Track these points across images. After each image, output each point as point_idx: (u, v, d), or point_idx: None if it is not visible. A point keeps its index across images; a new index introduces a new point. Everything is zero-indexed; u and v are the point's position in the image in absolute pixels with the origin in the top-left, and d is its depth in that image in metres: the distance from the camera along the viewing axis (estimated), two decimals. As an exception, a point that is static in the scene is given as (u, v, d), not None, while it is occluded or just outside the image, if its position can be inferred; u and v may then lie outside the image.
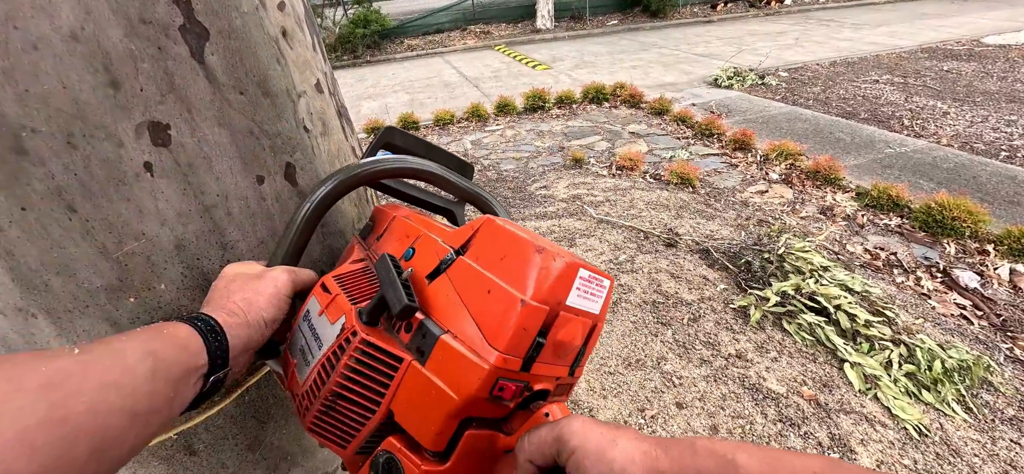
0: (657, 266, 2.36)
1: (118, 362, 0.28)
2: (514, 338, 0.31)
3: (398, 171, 0.49)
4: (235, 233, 0.47)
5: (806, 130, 4.14)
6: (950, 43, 7.05)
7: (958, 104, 4.57)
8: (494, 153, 4.12)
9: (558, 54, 8.43)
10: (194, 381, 0.34)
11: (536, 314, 0.31)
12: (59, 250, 0.38)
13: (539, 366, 0.33)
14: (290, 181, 0.50)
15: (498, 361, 0.30)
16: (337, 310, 0.39)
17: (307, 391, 0.40)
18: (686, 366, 1.79)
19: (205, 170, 0.43)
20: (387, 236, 0.48)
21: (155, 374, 0.30)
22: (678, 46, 8.22)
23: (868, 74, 5.76)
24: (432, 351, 0.33)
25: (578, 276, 0.33)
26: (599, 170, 3.59)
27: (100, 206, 0.39)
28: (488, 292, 0.32)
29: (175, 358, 0.32)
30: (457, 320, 0.33)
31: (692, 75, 6.27)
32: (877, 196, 2.83)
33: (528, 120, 4.92)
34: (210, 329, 0.36)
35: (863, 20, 9.45)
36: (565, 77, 6.72)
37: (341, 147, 0.59)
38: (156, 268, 0.43)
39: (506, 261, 0.33)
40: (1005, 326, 1.97)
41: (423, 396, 0.33)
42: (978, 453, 1.47)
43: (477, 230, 0.37)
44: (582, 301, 0.34)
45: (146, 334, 0.32)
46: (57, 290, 0.40)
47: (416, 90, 6.70)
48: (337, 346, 0.37)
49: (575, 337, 0.35)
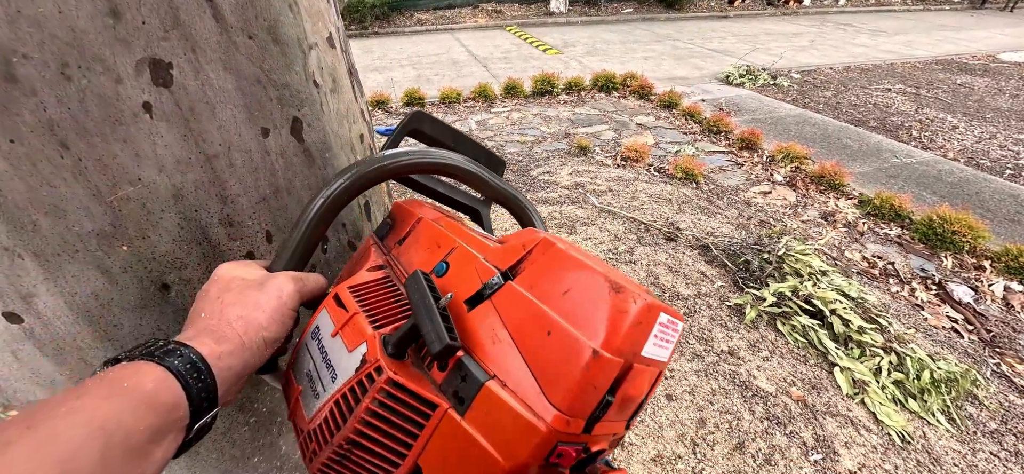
0: (656, 259, 2.36)
1: (45, 456, 0.21)
2: (581, 396, 0.25)
3: (428, 166, 0.42)
4: (236, 187, 0.45)
5: (814, 134, 4.10)
6: (966, 57, 6.96)
7: (968, 119, 4.53)
8: (499, 135, 4.07)
9: (570, 39, 8.28)
10: (171, 437, 0.27)
11: (609, 368, 0.25)
12: (49, 189, 0.37)
13: (602, 426, 0.27)
14: (296, 137, 0.48)
15: (558, 423, 0.25)
16: (356, 335, 0.33)
17: (316, 431, 0.34)
18: (678, 360, 1.80)
19: (208, 116, 0.41)
20: (412, 241, 0.42)
21: (107, 457, 0.23)
22: (692, 40, 8.08)
23: (881, 82, 5.70)
24: (474, 400, 0.27)
25: (657, 322, 0.27)
26: (604, 159, 3.56)
27: (94, 145, 0.37)
28: (548, 334, 0.26)
29: (138, 424, 0.25)
30: (505, 362, 0.27)
31: (704, 70, 6.18)
32: (880, 205, 2.82)
33: (535, 104, 4.85)
34: (191, 368, 0.29)
35: (881, 27, 9.30)
36: (575, 63, 6.61)
37: (350, 108, 0.57)
38: (152, 216, 0.42)
39: (571, 296, 0.27)
40: (994, 342, 1.99)
41: (461, 455, 0.27)
42: (958, 463, 1.50)
43: (530, 251, 0.31)
44: (656, 350, 0.28)
45: (96, 397, 0.25)
46: (46, 231, 0.38)
47: (423, 66, 6.58)
48: (356, 382, 0.31)
49: (643, 390, 0.29)
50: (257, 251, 0.50)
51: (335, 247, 0.56)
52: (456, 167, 0.44)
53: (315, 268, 0.55)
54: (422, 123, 0.49)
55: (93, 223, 0.39)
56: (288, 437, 0.63)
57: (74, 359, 0.44)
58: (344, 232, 0.58)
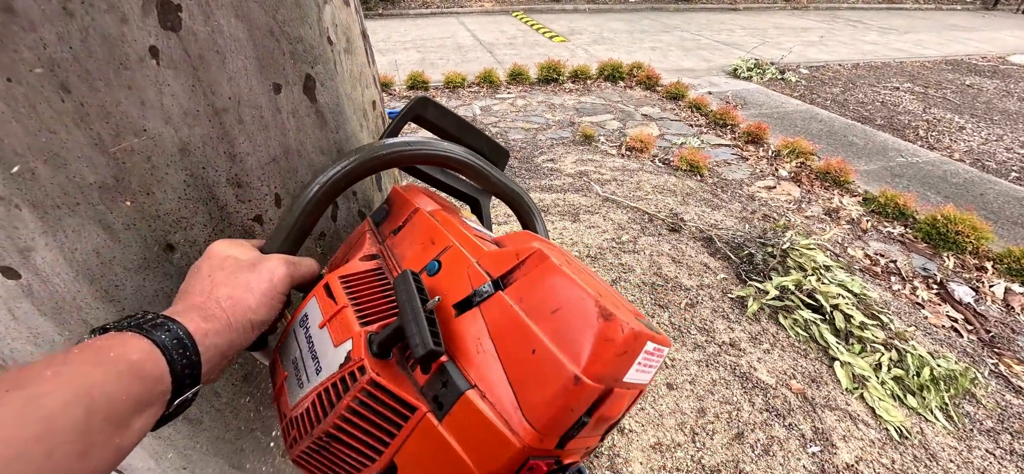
0: (659, 249, 2.35)
1: (29, 417, 0.21)
2: (556, 418, 0.25)
3: (429, 157, 0.42)
4: (245, 145, 0.43)
5: (821, 130, 4.07)
6: (975, 58, 6.89)
7: (975, 120, 4.50)
8: (503, 121, 4.03)
9: (577, 27, 8.15)
10: (153, 410, 0.27)
11: (589, 393, 0.26)
12: (49, 135, 0.35)
13: (575, 442, 0.28)
14: (309, 95, 0.46)
15: (531, 440, 0.25)
16: (342, 329, 0.33)
17: (297, 419, 0.34)
18: (680, 350, 1.80)
19: (218, 66, 0.39)
20: (406, 233, 0.42)
21: (89, 423, 0.23)
22: (701, 31, 7.97)
23: (889, 81, 5.64)
24: (453, 407, 0.27)
25: (643, 350, 0.27)
26: (608, 149, 3.53)
27: (97, 90, 0.35)
28: (532, 352, 0.27)
29: (121, 392, 0.25)
30: (487, 372, 0.28)
31: (711, 63, 6.11)
32: (884, 203, 2.81)
33: (540, 91, 4.79)
34: (177, 343, 0.29)
35: (891, 25, 9.19)
36: (582, 51, 6.52)
37: (363, 72, 0.55)
38: (156, 171, 0.40)
39: (559, 316, 0.27)
40: (993, 342, 2.00)
41: (436, 457, 0.28)
42: (954, 459, 1.51)
43: (523, 261, 0.31)
44: (639, 375, 0.28)
45: (82, 364, 0.25)
46: (45, 181, 0.36)
47: (428, 49, 6.48)
48: (339, 378, 0.31)
49: (620, 411, 0.30)
50: (265, 215, 0.48)
51: (345, 215, 0.55)
52: (457, 160, 0.44)
53: (325, 236, 0.53)
54: (426, 110, 0.48)
55: (95, 175, 0.37)
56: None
57: (74, 319, 0.43)
58: (355, 200, 0.56)
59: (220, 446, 0.56)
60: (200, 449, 0.55)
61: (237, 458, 0.59)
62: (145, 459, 0.54)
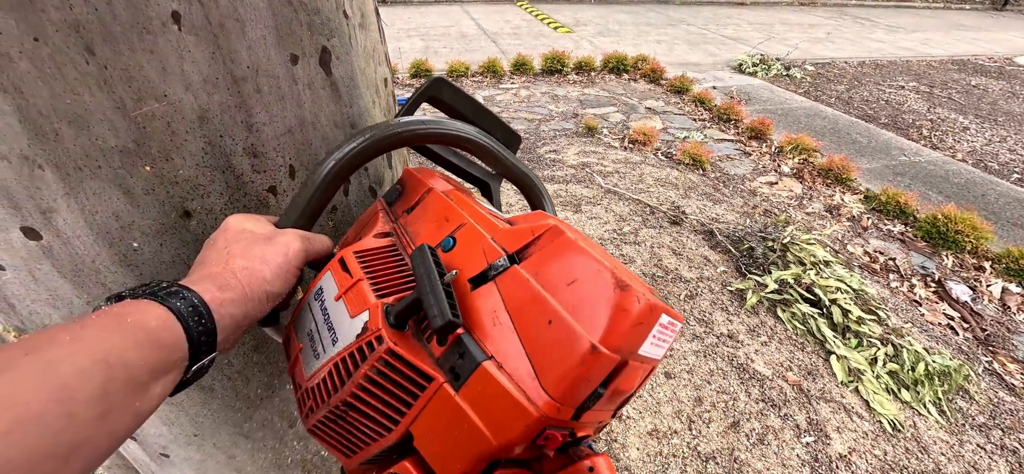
0: (660, 241, 2.36)
1: (47, 381, 0.21)
2: (573, 387, 0.26)
3: (442, 137, 0.42)
4: (262, 115, 0.44)
5: (824, 127, 4.06)
6: (982, 58, 6.84)
7: (980, 121, 4.49)
8: (506, 112, 4.01)
9: (582, 18, 8.08)
10: (170, 376, 0.28)
11: (605, 363, 0.26)
12: (73, 96, 0.35)
13: (590, 414, 0.28)
14: (324, 68, 0.46)
15: (549, 409, 0.25)
16: (359, 301, 0.33)
17: (313, 390, 0.35)
18: (679, 341, 1.82)
19: (237, 35, 0.39)
20: (420, 212, 0.42)
21: (107, 389, 0.23)
22: (707, 25, 7.90)
23: (895, 79, 5.61)
24: (470, 377, 0.28)
25: (658, 323, 0.27)
26: (611, 141, 3.52)
27: (120, 53, 0.35)
28: (549, 323, 0.27)
29: (140, 359, 0.25)
30: (503, 344, 0.28)
31: (717, 57, 6.06)
32: (885, 201, 2.82)
33: (544, 83, 4.76)
34: (192, 311, 0.29)
35: (899, 23, 9.10)
36: (586, 43, 6.46)
37: (376, 48, 0.55)
38: (176, 137, 0.41)
39: (576, 288, 0.27)
40: (988, 340, 2.02)
41: (452, 427, 0.28)
42: (945, 452, 1.53)
43: (538, 237, 0.31)
44: (652, 349, 0.28)
45: (101, 330, 0.25)
46: (68, 142, 0.37)
47: (432, 37, 6.42)
48: (356, 348, 0.31)
49: (634, 385, 0.30)
50: (279, 186, 0.49)
51: (356, 190, 0.56)
52: (470, 140, 0.44)
53: (337, 210, 0.54)
54: (442, 91, 0.48)
55: (116, 138, 0.38)
56: (301, 381, 0.63)
57: (92, 282, 0.44)
58: (366, 176, 0.56)
59: (230, 414, 0.58)
60: (211, 417, 0.57)
61: (247, 426, 0.60)
62: (157, 425, 0.56)
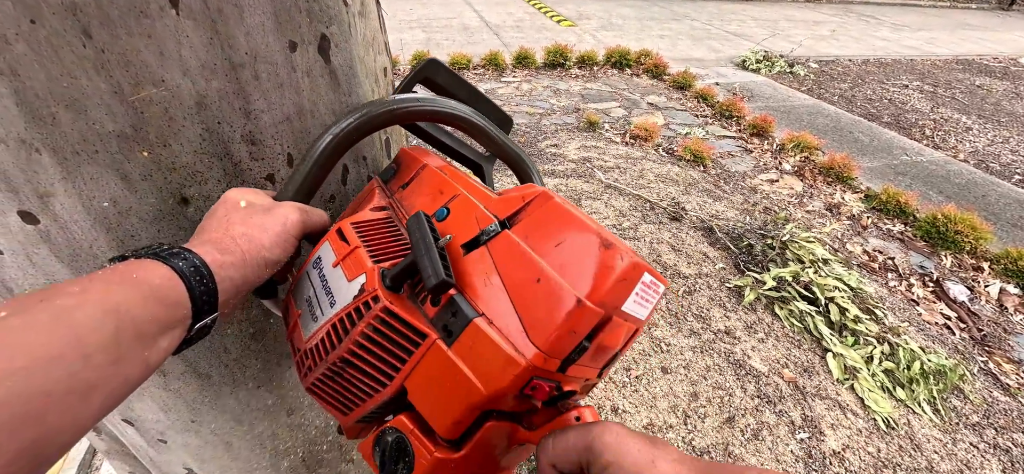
0: (659, 237, 2.36)
1: (62, 328, 0.23)
2: (560, 338, 0.27)
3: (436, 114, 0.43)
4: (260, 102, 0.44)
5: (826, 125, 4.04)
6: (987, 58, 6.80)
7: (982, 121, 4.47)
8: (508, 105, 3.99)
9: (585, 11, 8.01)
10: (175, 332, 0.29)
11: (589, 317, 0.27)
12: (70, 80, 0.35)
13: (575, 368, 0.30)
14: (323, 56, 0.46)
15: (537, 359, 0.27)
16: (356, 266, 0.35)
17: (311, 350, 0.36)
18: (676, 335, 1.83)
19: (235, 20, 0.39)
20: (415, 187, 0.43)
21: (119, 337, 0.24)
22: (711, 21, 7.84)
23: (899, 78, 5.58)
24: (462, 334, 0.29)
25: (640, 281, 0.29)
26: (612, 136, 3.51)
27: (118, 37, 0.35)
28: (537, 281, 0.28)
29: (147, 314, 0.26)
30: (494, 303, 0.29)
31: (720, 53, 6.03)
32: (886, 200, 2.81)
33: (546, 76, 4.74)
34: (195, 272, 0.30)
35: (904, 21, 9.03)
36: (589, 37, 6.42)
37: (376, 37, 0.55)
38: (174, 123, 0.41)
39: (563, 249, 0.29)
40: (985, 340, 2.03)
41: (445, 380, 0.30)
42: (938, 450, 1.55)
43: (529, 203, 0.32)
44: (635, 307, 0.30)
45: (107, 283, 0.26)
46: (65, 126, 0.37)
47: (433, 29, 6.37)
48: (353, 308, 0.33)
49: (618, 343, 0.31)
50: (277, 174, 0.49)
51: (355, 179, 0.55)
52: (464, 118, 0.44)
53: (335, 199, 0.54)
54: (436, 73, 0.48)
55: (114, 123, 0.38)
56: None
57: (89, 267, 0.44)
58: (365, 165, 0.56)
59: (228, 401, 0.58)
60: (208, 403, 0.57)
61: (244, 414, 0.60)
62: (155, 411, 0.56)
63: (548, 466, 0.29)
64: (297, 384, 0.63)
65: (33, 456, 0.21)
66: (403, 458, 0.31)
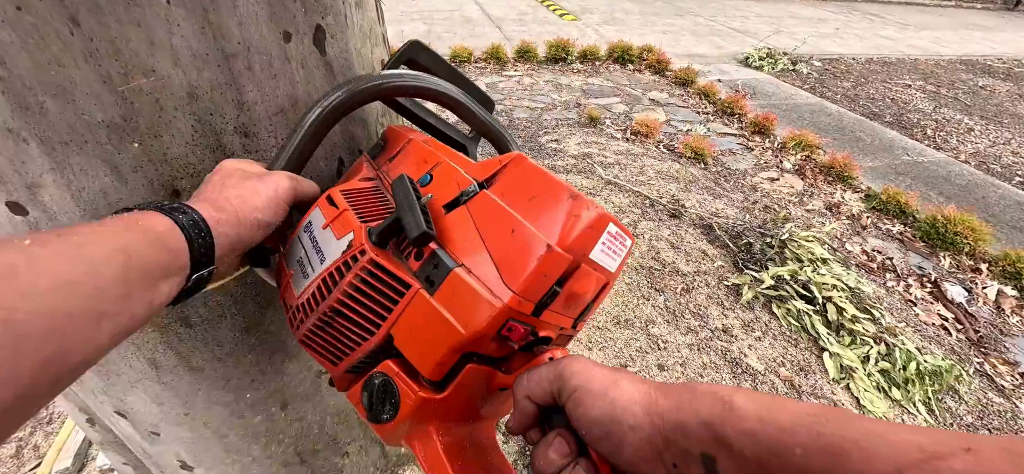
0: (659, 234, 2.36)
1: (80, 259, 0.25)
2: (532, 282, 0.30)
3: (421, 90, 0.45)
4: (253, 93, 0.43)
5: (829, 124, 4.03)
6: (991, 59, 6.76)
7: (985, 122, 4.45)
8: (509, 99, 3.97)
9: (588, 5, 7.94)
10: (176, 279, 0.31)
11: (559, 262, 0.30)
12: (57, 68, 0.35)
13: (549, 314, 0.32)
14: (318, 47, 0.45)
15: (512, 301, 0.29)
16: (344, 225, 0.37)
17: (303, 304, 0.38)
18: (673, 332, 1.83)
19: (228, 9, 0.38)
20: (401, 159, 0.45)
21: (127, 274, 0.27)
22: (714, 16, 7.78)
23: (902, 77, 5.55)
24: (443, 283, 0.31)
25: (606, 231, 0.32)
26: (613, 132, 3.50)
27: (107, 25, 0.34)
28: (512, 232, 0.31)
29: (152, 256, 0.29)
30: (473, 255, 0.32)
31: (723, 50, 5.98)
32: (886, 200, 2.81)
33: (548, 71, 4.70)
34: (193, 224, 0.32)
35: (910, 20, 8.97)
36: (592, 31, 6.37)
37: (374, 28, 0.54)
38: (165, 114, 0.40)
39: (535, 202, 0.31)
40: (981, 342, 2.03)
41: (428, 325, 0.32)
42: (931, 450, 1.55)
43: (505, 165, 0.34)
44: (603, 257, 0.32)
45: (116, 227, 0.28)
46: (53, 116, 0.36)
47: (435, 21, 6.32)
48: (342, 262, 0.35)
49: (588, 292, 0.33)
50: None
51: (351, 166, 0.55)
52: (449, 96, 0.46)
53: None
54: (418, 54, 0.49)
55: (103, 113, 0.37)
56: (292, 364, 0.64)
57: (82, 259, 0.43)
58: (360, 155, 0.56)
59: (221, 395, 0.58)
60: (201, 397, 0.57)
61: (238, 407, 0.60)
62: (148, 403, 0.56)
63: (523, 398, 0.32)
64: (290, 378, 0.63)
65: (55, 368, 0.23)
66: (389, 399, 0.33)
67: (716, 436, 0.24)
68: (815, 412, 0.23)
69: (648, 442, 0.27)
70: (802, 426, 0.22)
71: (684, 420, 0.26)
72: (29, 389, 0.22)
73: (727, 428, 0.24)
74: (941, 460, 0.18)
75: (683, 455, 0.26)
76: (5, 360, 0.20)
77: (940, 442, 0.19)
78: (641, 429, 0.27)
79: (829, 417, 0.22)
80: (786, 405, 0.24)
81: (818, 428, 0.22)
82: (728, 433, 0.24)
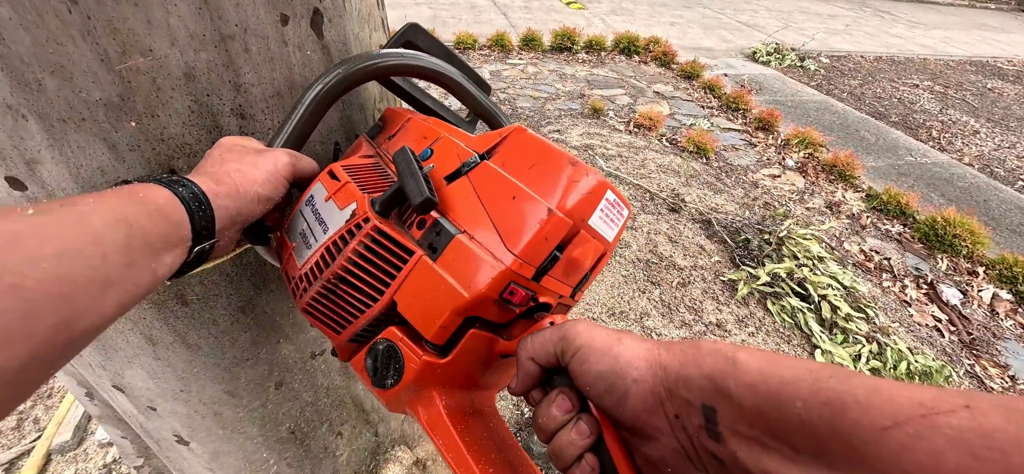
0: (657, 228, 2.36)
1: (83, 227, 0.25)
2: (533, 245, 0.30)
3: (419, 69, 0.45)
4: (250, 75, 0.43)
5: (833, 122, 4.00)
6: (1001, 60, 6.67)
7: (991, 125, 4.41)
8: (512, 87, 3.94)
9: (593, -7, 7.81)
10: (178, 251, 0.31)
11: (560, 226, 0.31)
12: (56, 46, 0.35)
13: (549, 279, 0.32)
14: (316, 31, 0.45)
15: (514, 264, 0.30)
16: (347, 196, 0.38)
17: (306, 273, 0.39)
18: (667, 325, 1.85)
19: (222, -11, 0.38)
20: (400, 136, 0.46)
21: (130, 243, 0.27)
22: (723, 9, 7.66)
23: (910, 77, 5.48)
24: (445, 249, 0.32)
25: (605, 197, 0.32)
26: (616, 124, 3.47)
27: (104, 4, 0.35)
28: (513, 198, 0.31)
29: (153, 228, 0.29)
30: (475, 222, 0.32)
31: (731, 44, 5.91)
32: (887, 200, 2.80)
33: (552, 60, 4.66)
34: (193, 198, 0.32)
35: (921, 19, 8.83)
36: (598, 21, 6.28)
37: (372, 13, 0.54)
38: (162, 94, 0.40)
39: (536, 169, 0.32)
40: (973, 344, 2.05)
41: (431, 290, 0.32)
42: (917, 448, 1.58)
43: (505, 137, 0.35)
44: (601, 225, 0.33)
45: (117, 198, 0.28)
46: (51, 93, 0.37)
47: (439, 6, 6.23)
48: (346, 231, 0.36)
49: (586, 259, 0.34)
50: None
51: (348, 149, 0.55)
52: (447, 76, 0.47)
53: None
54: (417, 36, 0.50)
55: (101, 91, 0.37)
56: (287, 344, 0.65)
57: (80, 235, 0.44)
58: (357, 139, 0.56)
59: (217, 372, 0.59)
60: (198, 374, 0.58)
61: (234, 385, 0.62)
62: (145, 378, 0.57)
63: (527, 359, 0.32)
64: (285, 358, 0.64)
65: (67, 331, 0.23)
66: (394, 364, 0.34)
67: (718, 388, 0.25)
68: (816, 368, 0.23)
69: (651, 394, 0.27)
70: (803, 380, 0.22)
71: (688, 374, 0.26)
72: (41, 353, 0.22)
73: (729, 381, 0.24)
74: (940, 415, 0.18)
75: (685, 405, 0.26)
76: (17, 324, 0.21)
77: (940, 399, 0.19)
78: (644, 382, 0.27)
79: (831, 373, 0.22)
80: (788, 361, 0.24)
81: (819, 383, 0.22)
82: (730, 385, 0.24)
